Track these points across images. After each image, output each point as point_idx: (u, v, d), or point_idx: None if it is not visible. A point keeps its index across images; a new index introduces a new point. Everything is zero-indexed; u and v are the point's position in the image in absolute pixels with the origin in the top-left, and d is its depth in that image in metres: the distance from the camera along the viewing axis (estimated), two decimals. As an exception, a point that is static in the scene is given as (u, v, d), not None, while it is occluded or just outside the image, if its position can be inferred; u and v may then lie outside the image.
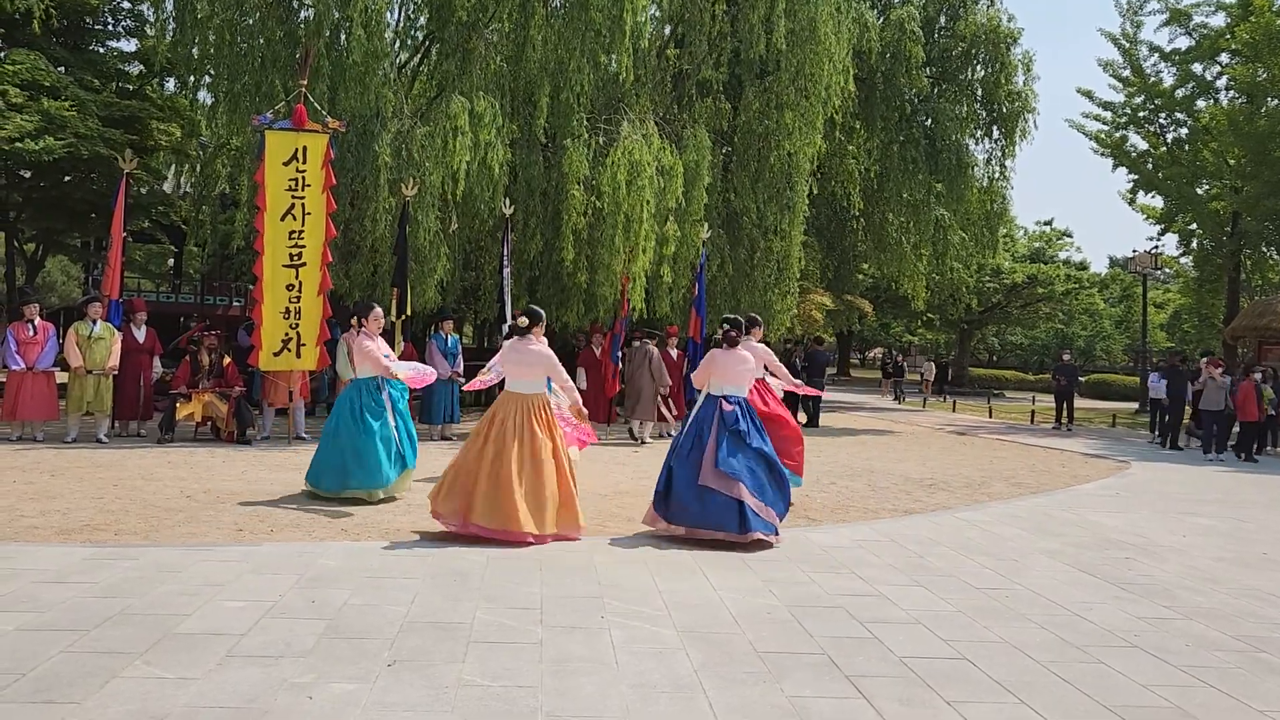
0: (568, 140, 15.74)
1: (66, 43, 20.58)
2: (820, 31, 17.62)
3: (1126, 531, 8.42)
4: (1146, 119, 29.21)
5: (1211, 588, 6.36)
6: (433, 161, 14.11)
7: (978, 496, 10.31)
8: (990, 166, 24.09)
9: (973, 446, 16.61)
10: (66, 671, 3.89)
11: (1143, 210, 31.50)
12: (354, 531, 6.96)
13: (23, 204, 21.02)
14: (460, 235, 16.26)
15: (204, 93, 17.06)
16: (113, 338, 12.07)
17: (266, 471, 9.90)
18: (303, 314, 12.19)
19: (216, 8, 14.56)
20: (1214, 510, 10.10)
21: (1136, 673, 4.47)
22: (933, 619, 5.24)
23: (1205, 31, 27.02)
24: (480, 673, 4.08)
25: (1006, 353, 64.04)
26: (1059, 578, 6.42)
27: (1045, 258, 47.93)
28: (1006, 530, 8.20)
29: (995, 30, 22.81)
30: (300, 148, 12.12)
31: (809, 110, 17.90)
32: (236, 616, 4.72)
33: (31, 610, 4.69)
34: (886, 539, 7.47)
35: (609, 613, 5.08)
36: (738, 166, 18.78)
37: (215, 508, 7.68)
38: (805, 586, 5.84)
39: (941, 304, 38.28)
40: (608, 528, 7.56)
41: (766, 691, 4.02)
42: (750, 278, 19.03)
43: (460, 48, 15.41)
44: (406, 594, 5.27)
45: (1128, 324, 58.64)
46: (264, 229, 12.02)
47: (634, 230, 15.16)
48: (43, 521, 6.87)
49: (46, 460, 10.03)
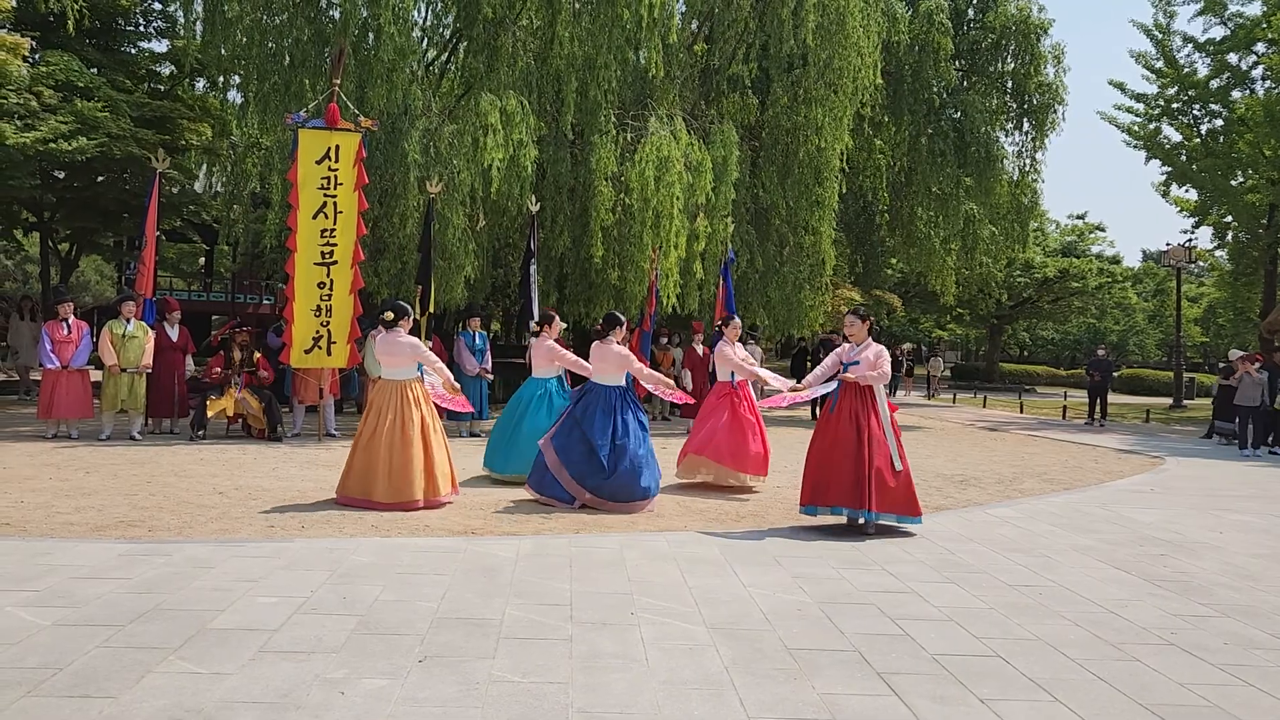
0: (595, 136, 15.74)
1: (99, 44, 20.79)
2: (849, 25, 17.52)
3: (1161, 528, 8.32)
4: (1180, 110, 28.81)
5: (1249, 584, 6.27)
6: (462, 160, 14.15)
7: (1010, 493, 10.23)
8: (1021, 159, 23.86)
9: (1004, 442, 16.48)
10: (103, 666, 3.93)
11: (1176, 203, 31.09)
12: (384, 528, 7.00)
13: (57, 204, 21.29)
14: (489, 233, 16.30)
15: (234, 92, 17.23)
16: (146, 336, 12.20)
17: (297, 468, 9.97)
18: (334, 312, 12.27)
19: (245, 8, 14.67)
20: (1251, 506, 9.96)
21: (1173, 671, 4.42)
22: (965, 616, 5.20)
23: (1240, 21, 26.60)
24: (511, 669, 4.09)
25: (1038, 348, 63.53)
26: (1093, 574, 6.35)
27: (1078, 252, 47.49)
28: (1039, 526, 8.13)
29: (1025, 21, 22.57)
30: (333, 146, 12.19)
31: (837, 105, 17.81)
32: (269, 612, 4.75)
33: (68, 605, 4.74)
34: (917, 535, 7.42)
35: (639, 609, 5.07)
36: (766, 162, 18.72)
37: (247, 504, 7.75)
38: (836, 583, 5.81)
39: (971, 299, 37.95)
40: (637, 524, 7.56)
41: (798, 688, 4.00)
42: (780, 274, 18.97)
43: (488, 45, 15.45)
44: (437, 590, 5.29)
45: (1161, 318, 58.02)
46: (296, 227, 12.11)
47: (663, 226, 15.15)
48: (78, 518, 6.95)
49: (81, 457, 10.16)
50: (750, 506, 8.59)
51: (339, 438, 12.89)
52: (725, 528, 7.55)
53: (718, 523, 7.79)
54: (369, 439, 7.76)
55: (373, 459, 7.69)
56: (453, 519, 7.40)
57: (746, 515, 8.15)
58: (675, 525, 7.57)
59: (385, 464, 7.65)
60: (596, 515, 7.89)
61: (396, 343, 7.97)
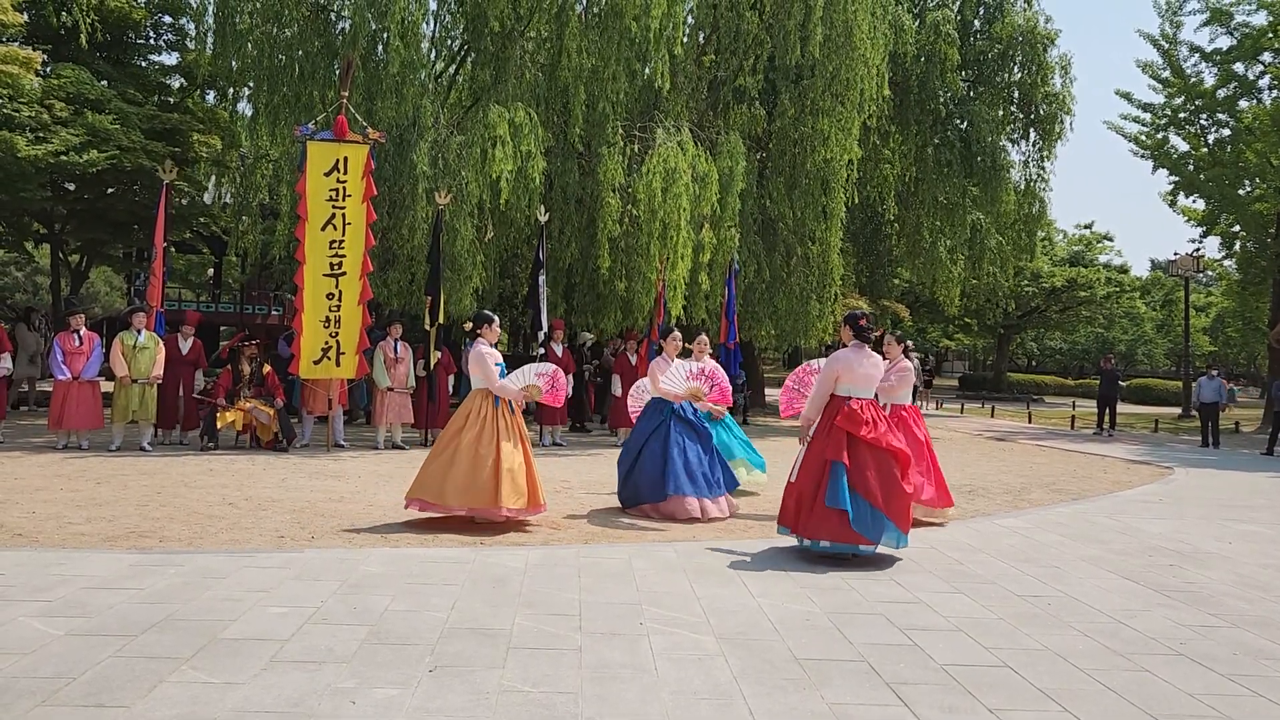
0: (603, 148, 15.79)
1: (110, 57, 20.91)
2: (856, 37, 17.56)
3: (1171, 538, 8.30)
4: (1187, 120, 28.77)
5: (1259, 595, 6.25)
6: (471, 171, 14.21)
7: (1018, 503, 10.22)
8: (1027, 169, 23.94)
9: (1012, 452, 16.46)
10: (116, 675, 3.96)
11: (1184, 212, 31.03)
12: (394, 539, 7.02)
13: (67, 216, 21.39)
14: (497, 244, 16.35)
15: (244, 105, 17.35)
16: (157, 347, 12.25)
17: (306, 479, 10.00)
18: (342, 323, 12.33)
19: (255, 21, 14.79)
20: (1260, 516, 9.93)
21: (1183, 681, 4.41)
22: (974, 626, 5.20)
23: (1247, 30, 26.59)
24: (521, 679, 4.10)
25: (1046, 358, 63.35)
26: (1102, 585, 6.34)
27: (1085, 261, 47.35)
28: (1048, 537, 8.12)
29: (1032, 32, 22.65)
30: (341, 158, 12.27)
31: (845, 116, 17.84)
32: (280, 622, 4.78)
33: (81, 615, 4.77)
34: (926, 546, 7.41)
35: (648, 619, 5.08)
36: (773, 173, 18.76)
37: (257, 515, 7.78)
38: (844, 593, 5.81)
39: (978, 308, 37.93)
40: (646, 535, 7.58)
41: (807, 698, 4.00)
42: (786, 284, 18.99)
43: (496, 57, 15.53)
44: (447, 600, 5.30)
45: (1169, 328, 57.85)
46: (305, 239, 12.17)
47: (670, 237, 15.17)
48: (89, 529, 6.98)
49: (92, 468, 10.21)
50: (758, 518, 8.59)
51: (347, 448, 12.93)
52: (734, 538, 7.56)
53: (726, 533, 7.80)
54: (452, 446, 7.56)
55: (453, 465, 7.45)
56: (462, 529, 7.41)
57: (755, 526, 8.16)
58: (684, 536, 7.59)
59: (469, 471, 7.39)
60: (604, 526, 7.93)
61: (473, 351, 7.87)
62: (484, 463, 7.40)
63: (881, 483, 6.57)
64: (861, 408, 6.71)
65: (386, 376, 13.22)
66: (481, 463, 7.40)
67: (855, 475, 6.56)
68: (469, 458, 7.43)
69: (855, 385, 6.81)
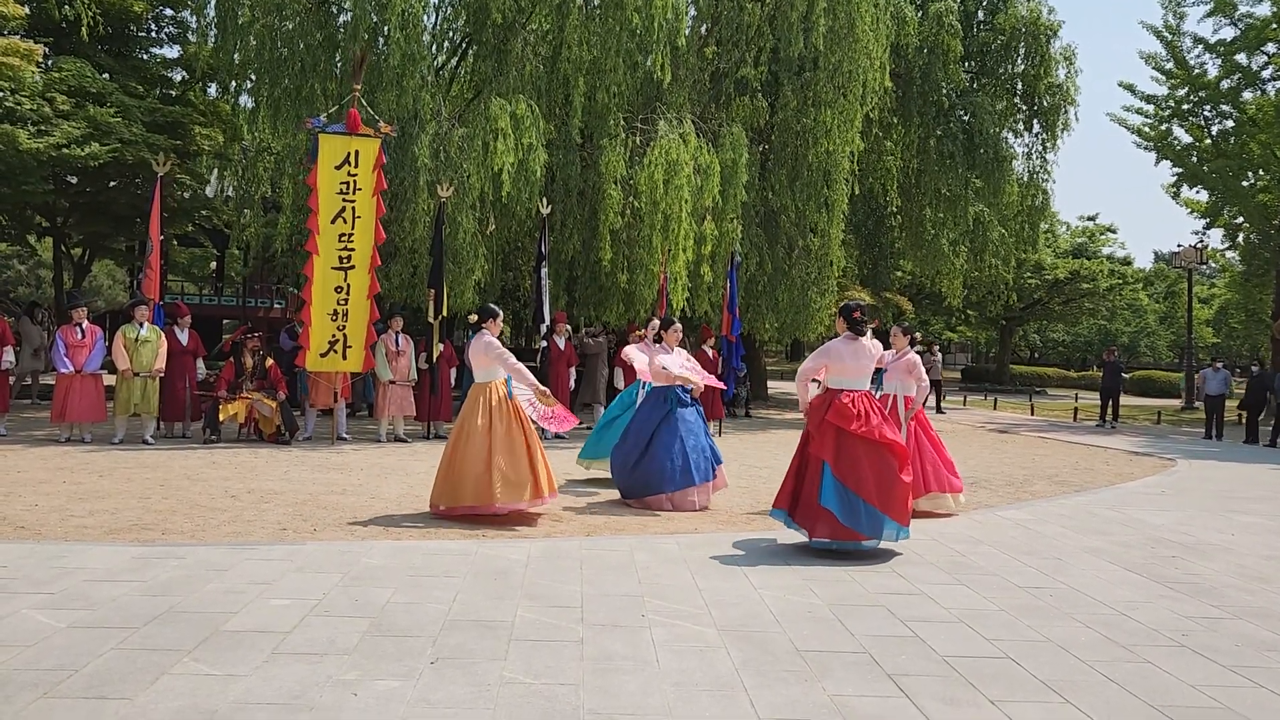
0: (604, 140, 15.77)
1: (112, 50, 20.91)
2: (858, 29, 17.52)
3: (1173, 529, 8.30)
4: (1190, 111, 28.68)
5: (1261, 586, 6.25)
6: (473, 164, 14.20)
7: (1020, 495, 10.22)
8: (1030, 161, 23.88)
9: (1014, 444, 16.45)
10: (118, 668, 3.96)
11: (1187, 204, 30.98)
12: (396, 531, 7.03)
13: (69, 209, 21.41)
14: (498, 236, 16.35)
15: (245, 97, 17.30)
16: (159, 340, 12.26)
17: (309, 471, 10.01)
18: (350, 316, 12.34)
19: (257, 14, 14.77)
20: (1262, 508, 9.92)
21: (1184, 672, 4.41)
22: (975, 618, 5.20)
23: (1251, 21, 26.49)
24: (523, 670, 4.11)
25: (1049, 350, 63.28)
26: (1104, 576, 6.34)
27: (1088, 253, 47.26)
28: (1050, 529, 8.11)
29: (1035, 23, 22.59)
30: (353, 151, 12.26)
31: (847, 108, 17.82)
32: (282, 614, 4.78)
33: (83, 608, 4.78)
34: (928, 538, 7.41)
35: (650, 611, 5.09)
36: (775, 165, 18.73)
37: (259, 507, 7.78)
38: (846, 585, 5.82)
39: (981, 300, 37.86)
40: (649, 528, 7.58)
41: (808, 690, 4.01)
42: (788, 276, 18.97)
43: (497, 49, 15.49)
44: (448, 592, 5.31)
45: (1173, 320, 57.75)
46: (317, 229, 12.15)
47: (672, 229, 15.16)
48: (92, 521, 6.99)
49: (94, 461, 10.22)
50: (760, 509, 8.59)
51: (350, 441, 12.94)
52: (735, 530, 7.56)
53: (728, 525, 7.80)
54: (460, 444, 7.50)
55: (463, 464, 7.41)
56: (464, 521, 7.42)
57: (756, 517, 8.16)
58: (685, 528, 7.59)
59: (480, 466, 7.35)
60: (606, 517, 7.93)
61: (476, 342, 7.76)
62: (478, 459, 7.38)
63: (876, 477, 6.51)
64: (852, 401, 6.65)
65: (388, 369, 13.23)
66: (476, 459, 7.38)
67: (847, 470, 6.51)
68: (467, 457, 7.43)
69: (845, 377, 6.77)
